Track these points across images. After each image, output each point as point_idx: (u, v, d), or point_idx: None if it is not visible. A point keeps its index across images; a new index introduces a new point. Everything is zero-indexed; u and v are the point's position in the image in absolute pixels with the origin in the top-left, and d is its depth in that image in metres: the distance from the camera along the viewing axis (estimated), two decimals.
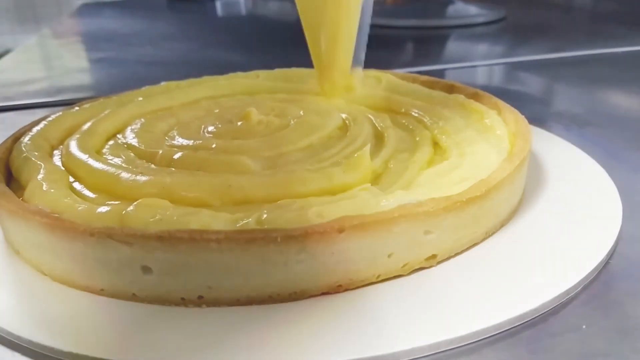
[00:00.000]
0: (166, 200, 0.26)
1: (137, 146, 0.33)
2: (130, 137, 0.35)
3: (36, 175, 0.29)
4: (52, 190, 0.27)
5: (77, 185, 0.29)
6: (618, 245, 0.27)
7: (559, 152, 0.36)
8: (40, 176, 0.28)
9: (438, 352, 0.21)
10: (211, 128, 0.36)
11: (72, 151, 0.32)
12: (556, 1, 1.04)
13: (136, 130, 0.36)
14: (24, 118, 0.37)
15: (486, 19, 0.89)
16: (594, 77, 0.59)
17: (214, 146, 0.33)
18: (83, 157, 0.31)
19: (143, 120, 0.37)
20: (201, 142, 0.33)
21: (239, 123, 0.36)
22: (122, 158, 0.32)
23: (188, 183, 0.27)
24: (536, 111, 0.48)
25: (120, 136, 0.35)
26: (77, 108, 0.39)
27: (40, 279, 0.25)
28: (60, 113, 0.37)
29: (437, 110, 0.37)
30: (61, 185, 0.28)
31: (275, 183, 0.27)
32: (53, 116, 0.37)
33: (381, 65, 0.47)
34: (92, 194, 0.28)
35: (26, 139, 0.33)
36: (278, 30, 0.98)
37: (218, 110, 0.39)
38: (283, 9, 1.18)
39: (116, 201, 0.27)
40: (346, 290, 0.24)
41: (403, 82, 0.42)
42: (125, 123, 0.37)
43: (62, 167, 0.31)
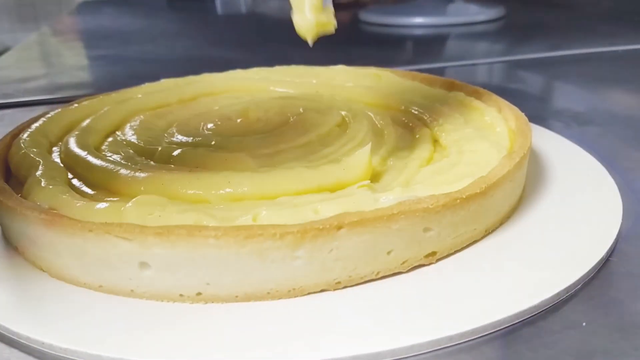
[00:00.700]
0: (165, 196, 0.26)
1: (136, 143, 0.33)
2: (129, 134, 0.35)
3: (35, 171, 0.29)
4: (51, 186, 0.27)
5: (76, 181, 0.29)
6: (618, 243, 0.27)
7: (559, 150, 0.36)
8: (38, 172, 0.28)
9: (438, 349, 0.21)
10: (210, 125, 0.36)
11: (71, 148, 0.31)
12: None
13: (135, 127, 0.36)
14: (23, 115, 0.37)
15: (486, 17, 0.89)
16: (594, 75, 0.59)
17: (213, 143, 0.33)
18: (82, 154, 0.31)
19: (142, 117, 0.37)
20: (200, 139, 0.33)
21: (238, 120, 0.36)
22: (121, 155, 0.32)
23: (187, 180, 0.27)
24: (536, 109, 0.48)
25: (119, 133, 0.35)
26: (76, 105, 0.39)
27: (38, 275, 0.25)
28: (59, 110, 0.37)
29: (437, 107, 0.37)
30: (60, 181, 0.28)
31: (273, 180, 0.27)
32: (52, 113, 0.37)
33: (381, 63, 0.47)
34: (91, 191, 0.28)
35: (25, 136, 0.33)
36: (278, 28, 0.98)
37: (217, 107, 0.39)
38: (283, 7, 1.18)
39: (115, 198, 0.27)
40: (345, 287, 0.24)
41: (403, 80, 0.42)
42: (124, 120, 0.37)
43: (61, 164, 0.31)
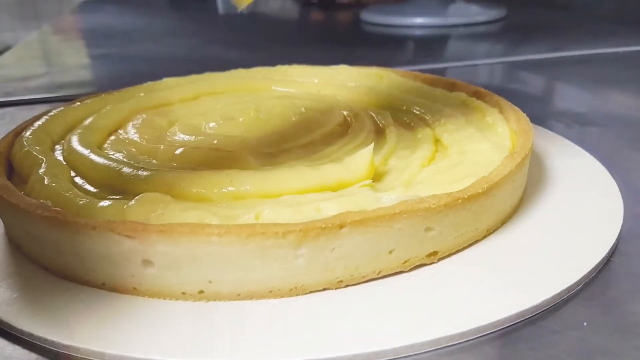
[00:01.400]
0: (167, 195, 0.26)
1: (139, 141, 0.33)
2: (131, 133, 0.35)
3: (37, 169, 0.29)
4: (54, 184, 0.27)
5: (79, 179, 0.29)
6: (619, 243, 0.27)
7: (561, 151, 0.36)
8: (41, 170, 0.28)
9: (439, 348, 0.21)
10: (212, 124, 0.36)
11: (74, 146, 0.32)
12: (557, 0, 1.03)
13: (138, 125, 0.36)
14: (24, 113, 0.37)
15: (487, 18, 0.90)
16: (595, 77, 0.59)
17: (215, 142, 0.33)
18: (85, 152, 0.31)
19: (144, 116, 0.37)
20: (202, 138, 0.33)
21: (240, 119, 0.36)
22: (124, 153, 0.32)
23: (189, 178, 0.27)
24: (537, 110, 0.48)
25: (121, 131, 0.35)
26: (79, 103, 0.39)
27: (41, 273, 0.25)
28: (61, 108, 0.37)
29: (439, 107, 0.37)
30: (62, 179, 0.28)
31: (276, 179, 0.27)
32: (54, 111, 0.37)
33: (382, 63, 0.47)
34: (94, 189, 0.28)
35: (27, 134, 0.33)
36: (279, 28, 0.98)
37: (219, 106, 0.39)
38: (284, 7, 1.18)
39: (118, 196, 0.27)
40: (347, 286, 0.24)
41: (404, 80, 0.42)
42: (126, 119, 0.37)
43: (64, 162, 0.31)
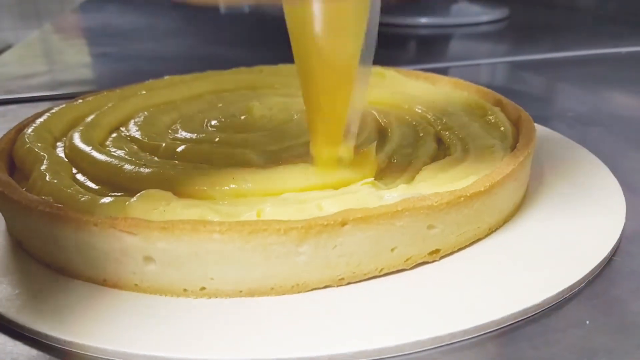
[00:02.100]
0: (169, 192, 0.26)
1: (141, 139, 0.33)
2: (133, 130, 0.35)
3: (39, 166, 0.29)
4: (55, 180, 0.27)
5: (80, 176, 0.29)
6: (621, 242, 0.27)
7: (563, 150, 0.36)
8: (43, 167, 0.28)
9: (441, 346, 0.21)
10: (214, 122, 0.36)
11: (76, 143, 0.32)
12: (560, 1, 1.03)
13: (139, 123, 0.36)
14: (26, 111, 0.37)
15: (490, 18, 0.89)
16: (598, 77, 0.59)
17: (217, 140, 0.33)
18: (86, 149, 0.31)
19: (146, 113, 0.37)
20: (204, 136, 0.33)
21: (243, 117, 0.36)
22: (126, 150, 0.32)
23: (191, 175, 0.27)
24: (539, 110, 0.48)
25: (123, 129, 0.35)
26: (81, 101, 0.39)
27: (42, 269, 0.25)
28: (63, 105, 0.37)
29: (441, 106, 0.37)
30: (64, 176, 0.28)
31: (278, 176, 0.27)
32: (56, 108, 0.37)
33: (385, 63, 0.46)
34: (95, 186, 0.28)
35: (29, 131, 0.33)
36: (281, 27, 0.98)
37: (221, 104, 0.39)
38: None
39: (119, 193, 0.27)
40: (349, 283, 0.24)
41: (407, 79, 0.42)
42: (128, 116, 0.37)
43: (66, 159, 0.31)
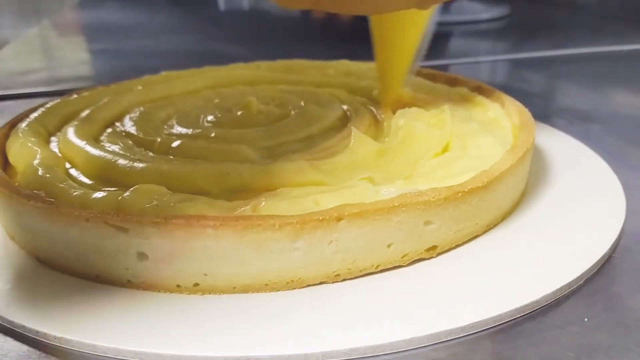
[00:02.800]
0: (163, 187, 0.25)
1: (136, 134, 0.33)
2: (128, 125, 0.34)
3: (32, 160, 0.28)
4: (48, 175, 0.27)
5: (74, 171, 0.29)
6: (621, 239, 0.27)
7: (563, 147, 0.36)
8: (36, 162, 0.28)
9: (438, 343, 0.21)
10: (210, 117, 0.35)
11: (70, 138, 0.31)
12: None
13: (135, 118, 0.35)
14: (24, 107, 0.37)
15: (490, 16, 0.89)
16: (598, 74, 0.59)
17: (213, 135, 0.32)
18: (80, 144, 0.30)
19: (142, 108, 0.37)
20: (200, 131, 0.33)
21: (239, 113, 0.36)
22: (120, 145, 0.31)
23: (186, 170, 0.27)
24: (540, 107, 0.47)
25: (118, 124, 0.35)
26: (76, 96, 0.38)
27: (34, 265, 0.25)
28: (58, 100, 0.37)
29: (440, 102, 0.36)
30: (57, 170, 0.28)
31: (273, 172, 0.27)
32: (50, 103, 0.36)
33: None
34: (89, 181, 0.28)
35: (23, 125, 0.33)
36: (280, 24, 0.98)
37: (218, 99, 0.39)
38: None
39: (113, 188, 0.27)
40: (344, 280, 0.24)
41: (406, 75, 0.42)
42: (124, 111, 0.37)
43: (59, 154, 0.30)
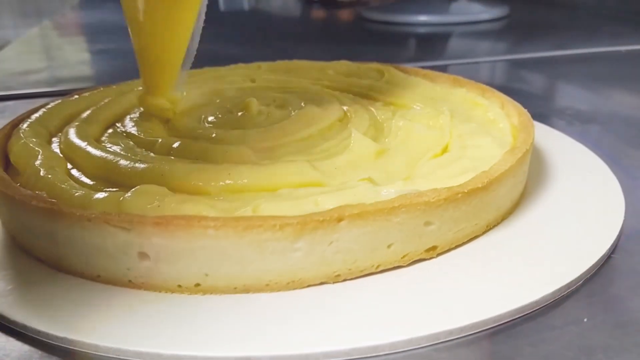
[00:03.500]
0: (164, 187, 0.25)
1: (137, 134, 0.33)
2: (129, 126, 0.34)
3: (34, 161, 0.28)
4: (50, 176, 0.27)
5: (75, 172, 0.29)
6: (620, 240, 0.27)
7: (562, 148, 0.36)
8: (37, 162, 0.28)
9: (437, 343, 0.21)
10: (211, 118, 0.36)
11: (71, 138, 0.31)
12: None
13: (135, 118, 0.35)
14: (24, 107, 0.37)
15: (490, 16, 0.89)
16: (597, 75, 0.59)
17: (214, 135, 0.32)
18: (82, 144, 0.30)
19: (143, 109, 0.37)
20: (201, 132, 0.33)
21: (239, 113, 0.36)
22: (121, 146, 0.31)
23: (187, 171, 0.27)
24: (539, 107, 0.48)
25: (119, 124, 0.35)
26: (77, 96, 0.38)
27: (36, 265, 0.25)
28: (59, 101, 0.37)
29: (439, 103, 0.36)
30: (59, 171, 0.28)
31: (274, 173, 0.27)
32: (52, 104, 0.36)
33: (384, 61, 0.46)
34: (90, 181, 0.28)
35: (25, 126, 0.33)
36: (280, 25, 0.98)
37: (219, 100, 0.39)
38: (286, 5, 1.18)
39: (114, 188, 0.27)
40: (345, 280, 0.24)
41: (405, 76, 0.42)
42: (124, 112, 0.37)
43: (61, 154, 0.31)
